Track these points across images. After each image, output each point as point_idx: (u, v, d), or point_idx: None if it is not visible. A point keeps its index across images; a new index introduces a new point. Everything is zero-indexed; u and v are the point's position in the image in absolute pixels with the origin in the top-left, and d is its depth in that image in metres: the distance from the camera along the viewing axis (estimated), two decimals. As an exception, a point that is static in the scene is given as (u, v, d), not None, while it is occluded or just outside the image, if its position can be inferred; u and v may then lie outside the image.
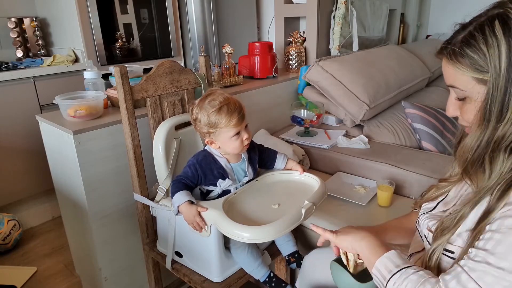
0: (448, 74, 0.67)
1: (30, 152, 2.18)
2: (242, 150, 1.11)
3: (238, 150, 1.09)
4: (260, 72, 2.04)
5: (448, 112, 0.71)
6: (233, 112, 1.03)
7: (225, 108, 1.02)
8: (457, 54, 0.64)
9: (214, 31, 2.80)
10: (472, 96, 0.65)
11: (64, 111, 1.32)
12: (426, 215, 0.80)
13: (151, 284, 1.40)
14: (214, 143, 1.08)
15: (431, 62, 2.75)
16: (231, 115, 1.02)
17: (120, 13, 2.41)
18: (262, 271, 1.14)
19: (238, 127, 1.04)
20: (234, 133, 1.04)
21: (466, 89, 0.65)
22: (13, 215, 2.05)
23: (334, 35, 2.38)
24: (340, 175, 1.64)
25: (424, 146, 1.75)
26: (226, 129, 1.04)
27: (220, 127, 1.03)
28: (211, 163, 1.10)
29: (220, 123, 1.03)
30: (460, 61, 0.63)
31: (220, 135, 1.05)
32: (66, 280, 1.78)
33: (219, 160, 1.11)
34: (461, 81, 0.65)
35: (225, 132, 1.04)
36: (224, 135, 1.05)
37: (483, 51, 0.61)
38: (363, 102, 1.83)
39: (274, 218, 0.97)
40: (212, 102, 1.03)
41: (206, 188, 1.14)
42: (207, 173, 1.09)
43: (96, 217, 1.34)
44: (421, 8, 3.73)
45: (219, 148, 1.10)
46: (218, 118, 1.02)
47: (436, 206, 0.81)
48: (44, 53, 2.52)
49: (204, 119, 1.04)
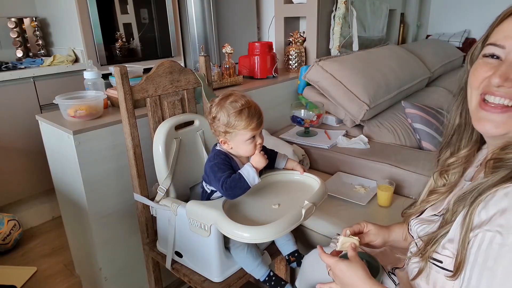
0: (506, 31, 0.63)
1: (30, 152, 2.18)
2: (253, 154, 1.11)
3: (249, 154, 1.09)
4: (260, 72, 2.04)
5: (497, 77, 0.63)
6: (253, 116, 1.04)
7: (246, 111, 1.03)
8: None
9: (214, 31, 2.79)
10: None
11: (64, 111, 1.32)
12: (415, 220, 0.80)
13: (151, 284, 1.40)
14: (227, 143, 1.09)
15: (431, 62, 2.75)
16: (251, 119, 1.03)
17: (120, 13, 2.41)
18: (261, 270, 1.14)
19: (255, 131, 1.05)
20: (249, 136, 1.05)
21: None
22: (13, 215, 2.05)
23: (334, 35, 2.38)
24: (340, 175, 1.64)
25: (424, 146, 1.75)
26: (243, 132, 1.04)
27: (238, 129, 1.04)
28: (230, 162, 1.10)
29: (239, 125, 1.03)
30: None
31: (236, 137, 1.06)
32: (66, 280, 1.78)
33: (236, 160, 1.11)
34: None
35: (241, 134, 1.05)
36: (240, 137, 1.05)
37: None
38: (363, 102, 1.83)
39: (274, 218, 0.97)
40: (234, 104, 1.04)
41: (210, 188, 1.14)
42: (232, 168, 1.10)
43: (96, 217, 1.34)
44: (421, 8, 3.73)
45: (231, 149, 1.10)
46: (237, 120, 1.03)
47: (425, 210, 0.80)
48: (44, 53, 2.52)
49: (224, 119, 1.04)
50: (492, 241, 0.55)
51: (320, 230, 1.37)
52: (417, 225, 0.77)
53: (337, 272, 0.77)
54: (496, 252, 0.55)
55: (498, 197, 0.57)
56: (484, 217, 0.57)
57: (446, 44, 3.39)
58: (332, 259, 0.79)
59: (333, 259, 0.79)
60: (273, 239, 1.21)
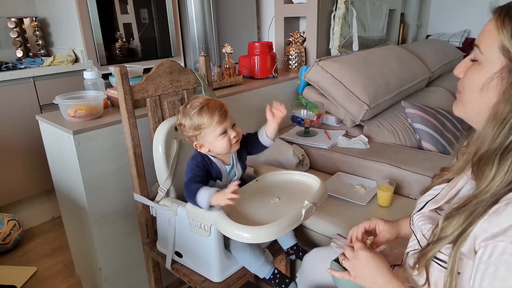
0: (484, 32, 0.65)
1: (30, 152, 2.18)
2: (232, 149, 1.10)
3: (227, 150, 1.08)
4: (260, 72, 2.04)
5: (456, 69, 0.70)
6: (214, 110, 1.04)
7: (205, 108, 1.04)
8: (508, 14, 0.61)
9: (214, 31, 2.80)
10: (483, 62, 0.64)
11: (64, 111, 1.32)
12: (418, 215, 0.79)
13: (151, 284, 1.40)
14: (203, 146, 1.09)
15: (431, 62, 2.75)
16: (213, 113, 1.03)
17: (120, 13, 2.41)
18: (266, 269, 1.14)
19: (222, 124, 1.05)
20: (220, 131, 1.05)
21: (484, 52, 0.63)
22: (13, 215, 2.05)
23: (334, 35, 2.38)
24: (340, 175, 1.64)
25: (424, 146, 1.75)
26: (210, 129, 1.04)
27: (204, 127, 1.04)
28: (209, 164, 1.10)
29: (203, 123, 1.04)
30: (505, 22, 0.61)
31: (207, 136, 1.06)
32: (66, 280, 1.78)
33: (215, 161, 1.11)
34: (488, 42, 0.63)
35: (210, 131, 1.05)
36: (210, 135, 1.05)
37: None
38: (363, 102, 1.83)
39: (274, 218, 0.97)
40: (193, 105, 1.05)
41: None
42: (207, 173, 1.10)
43: (96, 217, 1.34)
44: (421, 8, 3.73)
45: (208, 151, 1.10)
46: (200, 119, 1.04)
47: (425, 205, 0.80)
48: (44, 53, 2.52)
49: (188, 123, 1.05)
50: (505, 251, 0.56)
51: (320, 230, 1.37)
52: (419, 221, 0.77)
53: (361, 258, 0.77)
54: (508, 261, 0.55)
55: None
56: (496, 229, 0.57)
57: (446, 44, 3.39)
58: (362, 243, 0.80)
59: (362, 243, 0.80)
60: (273, 239, 1.21)
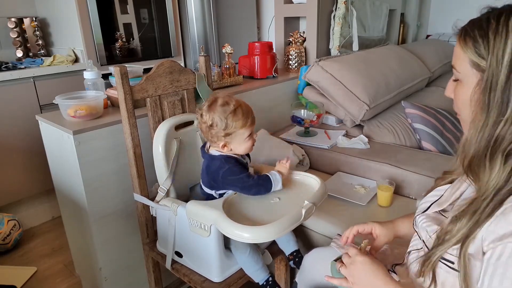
0: (454, 53, 0.68)
1: (30, 152, 2.18)
2: (251, 150, 1.13)
3: (249, 151, 1.12)
4: (260, 72, 2.04)
5: (446, 92, 0.74)
6: (248, 113, 1.06)
7: (239, 110, 1.04)
8: (467, 34, 0.64)
9: (214, 31, 2.79)
10: (463, 80, 0.67)
11: (64, 111, 1.32)
12: (422, 216, 0.79)
13: (151, 284, 1.40)
14: (227, 146, 1.09)
15: (431, 62, 2.75)
16: (247, 116, 1.05)
17: (120, 13, 2.41)
18: (261, 275, 1.14)
19: (252, 127, 1.08)
20: (248, 134, 1.07)
21: (460, 70, 0.67)
22: (13, 215, 2.05)
23: (334, 35, 2.38)
24: (340, 175, 1.64)
25: (424, 146, 1.75)
26: (242, 131, 1.06)
27: (237, 129, 1.05)
28: (241, 163, 1.12)
29: (237, 125, 1.04)
30: (466, 41, 0.64)
31: (236, 137, 1.07)
32: (66, 280, 1.78)
33: (237, 158, 1.12)
34: (460, 62, 0.66)
35: (241, 134, 1.06)
36: (240, 137, 1.07)
37: (488, 38, 0.61)
38: (363, 102, 1.83)
39: (274, 218, 0.97)
40: (226, 106, 1.04)
41: (218, 192, 1.13)
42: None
43: (96, 217, 1.34)
44: (421, 8, 3.74)
45: (230, 151, 1.10)
46: (235, 121, 1.04)
47: (430, 206, 0.80)
48: (44, 53, 2.52)
49: (221, 123, 1.04)
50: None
51: (320, 230, 1.37)
52: (423, 222, 0.77)
53: (358, 263, 0.77)
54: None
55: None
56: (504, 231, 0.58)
57: (446, 44, 3.39)
58: (356, 249, 0.80)
59: (357, 249, 0.80)
60: (273, 239, 1.21)
